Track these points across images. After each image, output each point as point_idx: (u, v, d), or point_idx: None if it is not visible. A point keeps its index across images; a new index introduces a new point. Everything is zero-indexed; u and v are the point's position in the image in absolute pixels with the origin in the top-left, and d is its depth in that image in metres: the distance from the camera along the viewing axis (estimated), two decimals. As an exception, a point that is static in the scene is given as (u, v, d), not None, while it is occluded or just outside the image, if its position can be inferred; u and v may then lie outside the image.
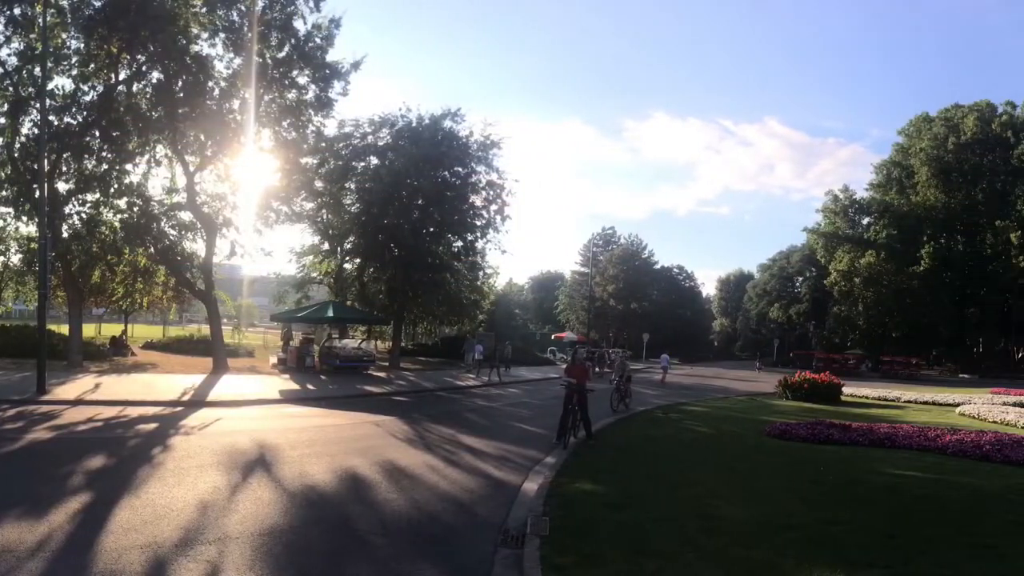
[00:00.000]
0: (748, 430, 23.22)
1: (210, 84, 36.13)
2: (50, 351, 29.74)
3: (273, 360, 45.15)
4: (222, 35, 35.96)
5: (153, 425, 19.32)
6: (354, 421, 22.10)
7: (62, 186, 35.68)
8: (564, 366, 26.42)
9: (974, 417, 30.21)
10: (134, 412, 21.68)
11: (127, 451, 15.55)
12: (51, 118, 32.50)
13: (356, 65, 39.34)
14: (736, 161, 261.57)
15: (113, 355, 44.04)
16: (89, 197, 36.25)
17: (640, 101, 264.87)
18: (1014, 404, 34.58)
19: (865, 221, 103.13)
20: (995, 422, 28.21)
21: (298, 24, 37.15)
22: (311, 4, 36.96)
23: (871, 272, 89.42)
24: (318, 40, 37.58)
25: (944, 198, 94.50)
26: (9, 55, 33.08)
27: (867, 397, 40.48)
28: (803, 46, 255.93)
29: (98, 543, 8.90)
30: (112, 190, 36.38)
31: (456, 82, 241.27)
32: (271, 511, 10.84)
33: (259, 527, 9.93)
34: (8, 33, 32.59)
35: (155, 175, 39.08)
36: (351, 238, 52.56)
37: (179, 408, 23.31)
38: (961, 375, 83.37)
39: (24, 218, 35.60)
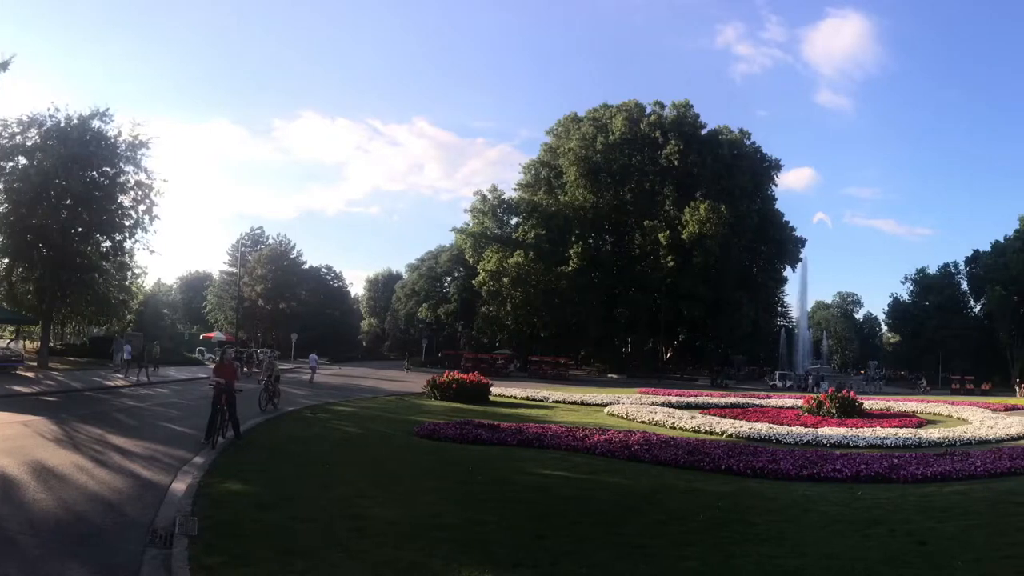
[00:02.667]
0: (397, 430, 23.88)
1: None
2: None
3: (-81, 361, 44.12)
4: None
5: None
6: (1, 421, 21.66)
7: None
8: (213, 366, 27.01)
9: (623, 417, 32.20)
10: None
11: None
12: None
13: (4, 65, 41.49)
14: (385, 161, 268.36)
15: None
16: None
17: (290, 101, 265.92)
18: (662, 404, 37.36)
19: (514, 221, 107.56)
20: (643, 422, 30.18)
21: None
22: (-43, 4, 37.16)
23: (519, 272, 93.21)
24: (-36, 39, 37.76)
25: (593, 198, 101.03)
26: None
27: (516, 397, 42.27)
28: (451, 46, 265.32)
29: None
30: None
31: (107, 83, 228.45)
32: (-82, 511, 10.74)
33: (-96, 527, 9.83)
34: None
35: None
36: (-1, 238, 52.51)
37: None
38: (610, 375, 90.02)
39: None
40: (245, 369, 46.72)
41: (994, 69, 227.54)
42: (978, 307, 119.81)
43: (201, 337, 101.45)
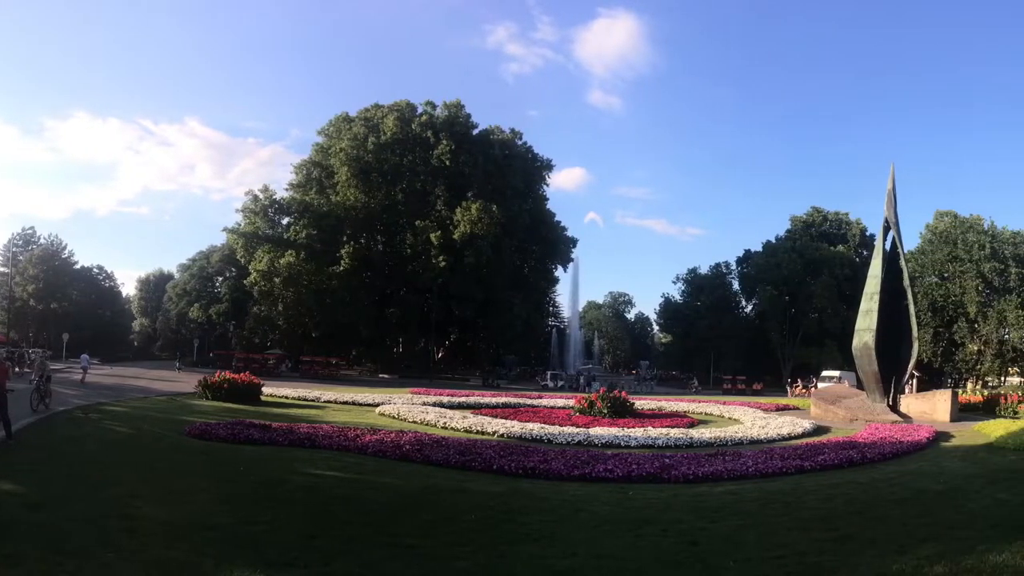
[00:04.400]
0: (169, 430, 23.45)
1: None
2: None
3: None
4: None
5: None
6: None
7: None
8: (-16, 367, 24.99)
9: (394, 417, 32.41)
10: None
11: None
12: None
13: None
14: (156, 161, 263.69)
15: None
16: None
17: (61, 100, 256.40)
18: (434, 404, 37.66)
19: (285, 221, 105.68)
20: (415, 422, 30.52)
21: None
22: None
23: (291, 272, 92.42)
24: None
25: (364, 198, 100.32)
26: None
27: (288, 397, 41.76)
28: (222, 45, 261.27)
29: None
30: None
31: None
32: None
33: None
34: None
35: None
36: None
37: None
38: (381, 375, 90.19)
39: None
40: (16, 369, 45.55)
41: (765, 69, 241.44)
42: (750, 307, 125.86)
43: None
